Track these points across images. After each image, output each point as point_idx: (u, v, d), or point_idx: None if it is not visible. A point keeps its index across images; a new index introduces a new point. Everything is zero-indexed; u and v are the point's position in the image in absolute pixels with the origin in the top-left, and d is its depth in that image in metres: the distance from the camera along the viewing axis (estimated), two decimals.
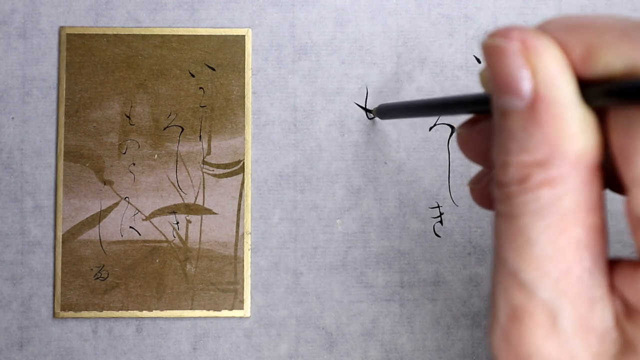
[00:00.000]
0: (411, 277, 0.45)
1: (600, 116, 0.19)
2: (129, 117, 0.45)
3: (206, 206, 0.45)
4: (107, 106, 0.45)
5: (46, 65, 0.45)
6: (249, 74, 0.46)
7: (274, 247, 0.45)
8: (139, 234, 0.45)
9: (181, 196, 0.45)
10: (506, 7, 0.46)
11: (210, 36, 0.46)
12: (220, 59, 0.46)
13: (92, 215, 0.45)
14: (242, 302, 0.44)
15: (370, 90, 0.46)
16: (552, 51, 0.19)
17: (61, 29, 0.45)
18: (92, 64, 0.45)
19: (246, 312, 0.44)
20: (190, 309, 0.44)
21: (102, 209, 0.45)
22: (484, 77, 0.23)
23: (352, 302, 0.45)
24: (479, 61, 0.46)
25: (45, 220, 0.45)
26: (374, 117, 0.45)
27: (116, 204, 0.45)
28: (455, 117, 0.45)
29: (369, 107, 0.46)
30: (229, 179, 0.45)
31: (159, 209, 0.45)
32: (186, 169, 0.45)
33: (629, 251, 0.45)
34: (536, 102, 0.19)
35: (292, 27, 0.46)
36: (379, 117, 0.43)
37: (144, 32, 0.46)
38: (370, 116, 0.46)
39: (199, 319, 0.45)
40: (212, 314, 0.44)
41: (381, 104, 0.43)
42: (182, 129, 0.45)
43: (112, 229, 0.45)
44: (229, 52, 0.46)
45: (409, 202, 0.45)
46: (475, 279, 0.45)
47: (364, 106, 0.46)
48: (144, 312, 0.44)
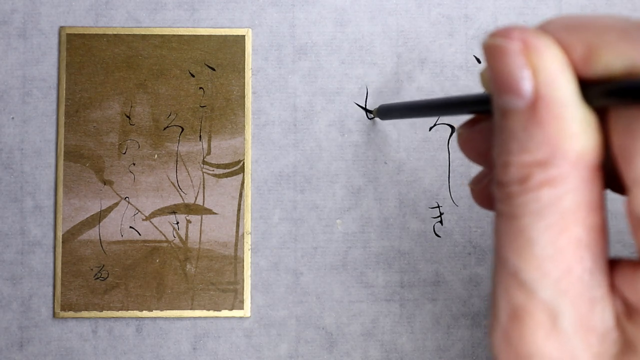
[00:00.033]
0: (411, 277, 0.45)
1: (601, 116, 0.20)
2: (129, 117, 0.45)
3: (206, 206, 0.45)
4: (107, 106, 0.45)
5: (46, 65, 0.45)
6: (249, 74, 0.46)
7: (274, 247, 0.45)
8: (139, 234, 0.45)
9: (181, 196, 0.45)
10: (506, 7, 0.46)
11: (210, 36, 0.46)
12: (220, 59, 0.46)
13: (92, 215, 0.45)
14: (242, 302, 0.44)
15: (370, 90, 0.46)
16: (553, 51, 0.19)
17: (61, 29, 0.45)
18: (92, 64, 0.45)
19: (246, 312, 0.44)
20: (190, 309, 0.44)
21: (102, 209, 0.45)
22: (485, 77, 0.23)
23: (352, 302, 0.45)
24: (479, 61, 0.46)
25: (45, 220, 0.45)
26: (374, 117, 0.45)
27: (116, 204, 0.45)
28: (455, 117, 0.45)
29: (369, 107, 0.46)
30: (229, 179, 0.45)
31: (159, 209, 0.45)
32: (186, 169, 0.45)
33: (629, 251, 0.45)
34: (537, 102, 0.19)
35: (292, 27, 0.46)
36: (380, 117, 0.43)
37: (144, 32, 0.46)
38: (370, 116, 0.46)
39: (199, 319, 0.45)
40: (212, 314, 0.44)
41: (382, 104, 0.43)
42: (182, 129, 0.45)
43: (112, 229, 0.45)
44: (229, 52, 0.46)
45: (409, 202, 0.45)
46: (475, 279, 0.45)
47: (364, 106, 0.46)
48: (144, 312, 0.44)
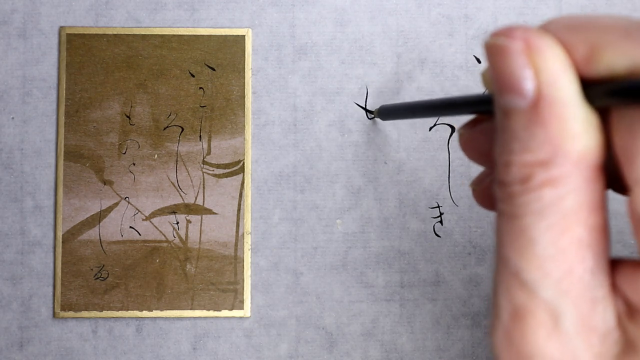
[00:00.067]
0: (411, 277, 0.45)
1: (603, 116, 0.19)
2: (129, 117, 0.45)
3: (206, 206, 0.45)
4: (107, 106, 0.45)
5: (46, 65, 0.45)
6: (249, 74, 0.46)
7: (274, 247, 0.45)
8: (139, 234, 0.45)
9: (181, 196, 0.45)
10: (506, 7, 0.46)
11: (210, 36, 0.46)
12: (220, 59, 0.46)
13: (92, 215, 0.45)
14: (242, 302, 0.44)
15: (370, 90, 0.46)
16: (555, 51, 0.19)
17: (61, 29, 0.45)
18: (92, 64, 0.45)
19: (246, 312, 0.44)
20: (190, 309, 0.44)
21: (102, 209, 0.45)
22: (486, 77, 0.23)
23: (352, 302, 0.45)
24: (479, 61, 0.46)
25: (45, 220, 0.45)
26: (374, 117, 0.45)
27: (116, 204, 0.45)
28: (455, 117, 0.45)
29: (369, 107, 0.46)
30: (229, 179, 0.45)
31: (159, 209, 0.45)
32: (186, 169, 0.45)
33: (630, 251, 0.45)
34: (539, 102, 0.19)
35: (292, 27, 0.46)
36: (381, 118, 0.43)
37: (144, 32, 0.45)
38: (370, 116, 0.46)
39: (199, 319, 0.45)
40: (212, 314, 0.44)
41: (382, 105, 0.43)
42: (182, 129, 0.45)
43: (112, 229, 0.45)
44: (229, 52, 0.46)
45: (409, 202, 0.45)
46: (475, 279, 0.45)
47: (364, 106, 0.46)
48: (144, 312, 0.44)
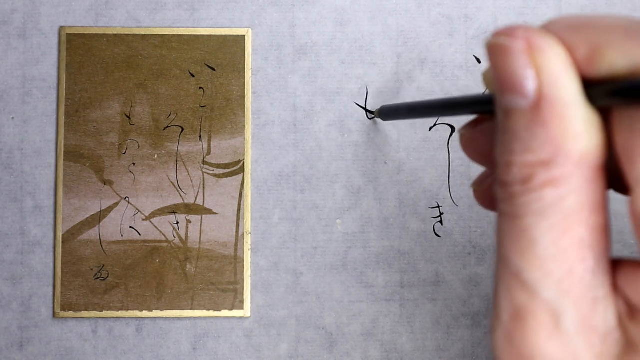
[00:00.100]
0: (411, 277, 0.45)
1: (604, 116, 0.19)
2: (129, 117, 0.45)
3: (206, 206, 0.45)
4: (107, 106, 0.45)
5: (46, 65, 0.45)
6: (249, 74, 0.46)
7: (274, 247, 0.45)
8: (139, 234, 0.45)
9: (181, 196, 0.45)
10: (506, 7, 0.46)
11: (210, 36, 0.46)
12: (220, 59, 0.45)
13: (92, 215, 0.45)
14: (242, 302, 0.44)
15: (370, 90, 0.46)
16: (557, 50, 0.19)
17: (61, 29, 0.45)
18: (92, 64, 0.45)
19: (246, 312, 0.44)
20: (190, 309, 0.44)
21: (102, 209, 0.45)
22: (488, 76, 0.23)
23: (352, 302, 0.45)
24: (479, 61, 0.46)
25: (45, 220, 0.45)
26: (374, 117, 0.45)
27: (116, 204, 0.45)
28: (455, 117, 0.45)
29: (369, 107, 0.46)
30: (229, 179, 0.45)
31: (159, 209, 0.45)
32: (186, 169, 0.45)
33: (630, 251, 0.45)
34: (540, 102, 0.19)
35: (292, 27, 0.46)
36: (381, 118, 0.43)
37: (144, 32, 0.45)
38: (370, 116, 0.46)
39: (199, 319, 0.45)
40: (212, 314, 0.44)
41: (383, 105, 0.43)
42: (182, 129, 0.45)
43: (112, 229, 0.45)
44: (229, 52, 0.46)
45: (409, 202, 0.45)
46: (475, 279, 0.45)
47: (364, 106, 0.46)
48: (144, 312, 0.44)
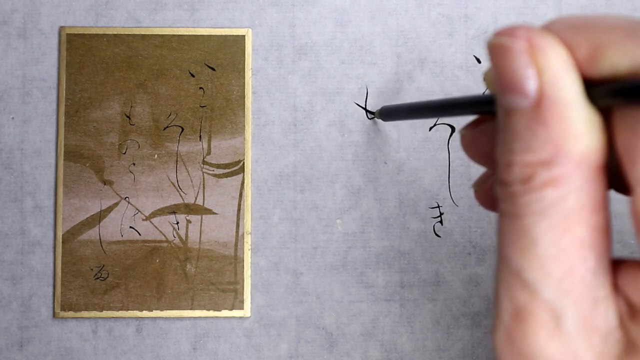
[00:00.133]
0: (411, 277, 0.45)
1: (605, 116, 0.19)
2: (129, 117, 0.45)
3: (206, 206, 0.45)
4: (107, 106, 0.45)
5: (46, 65, 0.45)
6: (249, 74, 0.46)
7: (274, 247, 0.45)
8: (139, 234, 0.45)
9: (181, 196, 0.45)
10: (506, 7, 0.46)
11: (210, 36, 0.46)
12: (220, 59, 0.45)
13: (92, 215, 0.45)
14: (242, 302, 0.44)
15: (370, 90, 0.46)
16: (558, 50, 0.19)
17: (61, 29, 0.45)
18: (92, 64, 0.45)
19: (246, 312, 0.44)
20: (190, 309, 0.44)
21: (102, 209, 0.45)
22: (489, 76, 0.23)
23: (352, 302, 0.45)
24: (479, 61, 0.46)
25: (45, 220, 0.45)
26: (374, 117, 0.45)
27: (116, 204, 0.45)
28: (455, 118, 0.45)
29: (369, 107, 0.46)
30: (229, 179, 0.45)
31: (159, 209, 0.45)
32: (186, 169, 0.45)
33: (630, 251, 0.45)
34: (541, 102, 0.19)
35: (292, 27, 0.46)
36: (382, 119, 0.43)
37: (144, 32, 0.45)
38: (370, 116, 0.46)
39: (199, 319, 0.45)
40: (212, 314, 0.44)
41: (384, 106, 0.43)
42: (182, 129, 0.45)
43: (112, 229, 0.45)
44: (229, 52, 0.46)
45: (409, 202, 0.45)
46: (475, 279, 0.45)
47: (364, 106, 0.46)
48: (144, 312, 0.44)
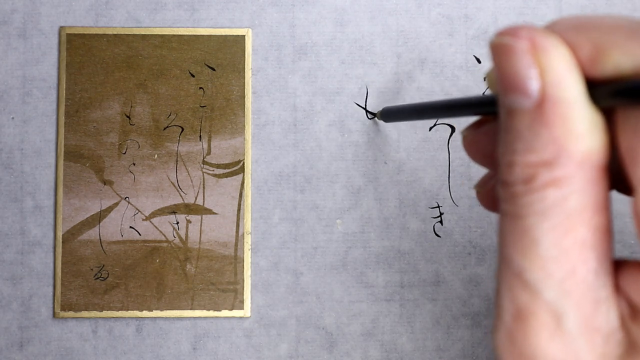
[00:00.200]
0: (411, 277, 0.45)
1: (608, 116, 0.19)
2: (129, 117, 0.45)
3: (206, 206, 0.45)
4: (107, 106, 0.45)
5: (46, 65, 0.45)
6: (249, 74, 0.46)
7: (274, 247, 0.45)
8: (139, 234, 0.45)
9: (181, 196, 0.45)
10: (506, 7, 0.46)
11: (210, 36, 0.46)
12: (220, 59, 0.45)
13: (92, 215, 0.45)
14: (242, 302, 0.44)
15: (370, 90, 0.46)
16: (561, 51, 0.19)
17: (61, 29, 0.45)
18: (92, 64, 0.45)
19: (246, 312, 0.44)
20: (190, 309, 0.44)
21: (102, 209, 0.45)
22: (491, 77, 0.23)
23: (352, 302, 0.45)
24: (479, 61, 0.46)
25: (45, 220, 0.45)
26: (374, 117, 0.45)
27: (116, 204, 0.45)
28: (456, 118, 0.45)
29: (369, 107, 0.46)
30: (229, 179, 0.45)
31: (159, 209, 0.45)
32: (186, 169, 0.45)
33: (630, 251, 0.45)
34: (543, 102, 0.19)
35: (292, 27, 0.46)
36: (383, 120, 0.43)
37: (144, 32, 0.45)
38: (370, 116, 0.46)
39: (199, 319, 0.45)
40: (212, 314, 0.44)
41: (385, 107, 0.43)
42: (182, 129, 0.45)
43: (112, 229, 0.45)
44: (229, 52, 0.46)
45: (409, 202, 0.45)
46: (475, 279, 0.45)
47: (364, 106, 0.46)
48: (144, 312, 0.44)
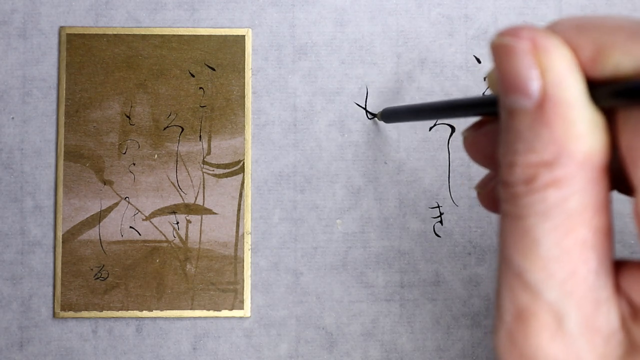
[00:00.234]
0: (411, 277, 0.45)
1: (609, 117, 0.19)
2: (129, 117, 0.45)
3: (206, 206, 0.45)
4: (107, 106, 0.45)
5: (46, 65, 0.45)
6: (249, 74, 0.46)
7: (274, 247, 0.45)
8: (139, 234, 0.45)
9: (181, 196, 0.45)
10: (506, 7, 0.46)
11: (210, 36, 0.46)
12: (220, 59, 0.45)
13: (92, 215, 0.45)
14: (242, 302, 0.44)
15: (370, 90, 0.46)
16: (562, 51, 0.19)
17: (61, 29, 0.45)
18: (92, 64, 0.45)
19: (246, 312, 0.44)
20: (190, 309, 0.44)
21: (102, 209, 0.45)
22: (492, 77, 0.23)
23: (352, 302, 0.45)
24: (479, 61, 0.46)
25: (45, 220, 0.45)
26: (374, 117, 0.45)
27: (116, 204, 0.45)
28: (456, 118, 0.45)
29: (369, 107, 0.46)
30: (229, 179, 0.45)
31: (159, 209, 0.45)
32: (186, 169, 0.45)
33: (630, 251, 0.45)
34: (544, 102, 0.19)
35: (292, 27, 0.46)
36: (384, 120, 0.43)
37: (144, 32, 0.45)
38: (370, 116, 0.46)
39: (199, 319, 0.45)
40: (212, 314, 0.44)
41: (386, 107, 0.43)
42: (182, 129, 0.45)
43: (112, 229, 0.45)
44: (229, 52, 0.46)
45: (409, 202, 0.45)
46: (475, 279, 0.45)
47: (364, 106, 0.46)
48: (144, 312, 0.44)
